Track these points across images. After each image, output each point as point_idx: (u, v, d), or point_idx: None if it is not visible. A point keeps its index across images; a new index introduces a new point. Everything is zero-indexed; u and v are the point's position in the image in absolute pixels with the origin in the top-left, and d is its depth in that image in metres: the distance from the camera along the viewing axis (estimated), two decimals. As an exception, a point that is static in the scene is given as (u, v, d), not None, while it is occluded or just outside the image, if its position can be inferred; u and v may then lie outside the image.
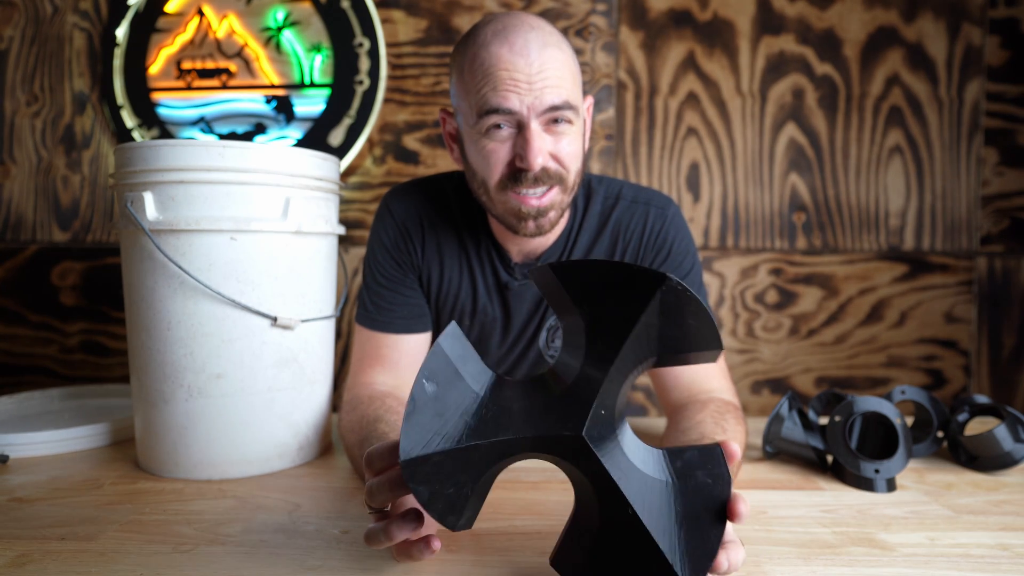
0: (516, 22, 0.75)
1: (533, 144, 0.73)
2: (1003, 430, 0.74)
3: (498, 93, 0.72)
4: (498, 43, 0.73)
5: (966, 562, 0.53)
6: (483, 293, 0.90)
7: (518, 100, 0.72)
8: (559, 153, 0.76)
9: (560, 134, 0.75)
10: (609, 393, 0.45)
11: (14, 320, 1.78)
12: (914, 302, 1.74)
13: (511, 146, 0.75)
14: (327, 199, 0.81)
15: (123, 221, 0.74)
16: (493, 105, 0.73)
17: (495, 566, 0.52)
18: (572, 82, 0.75)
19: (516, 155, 0.75)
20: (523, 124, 0.74)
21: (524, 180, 0.75)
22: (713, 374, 0.84)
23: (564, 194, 0.78)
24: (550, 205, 0.77)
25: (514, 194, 0.76)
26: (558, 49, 0.74)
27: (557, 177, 0.76)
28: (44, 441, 0.82)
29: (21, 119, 1.76)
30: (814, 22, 1.70)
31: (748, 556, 0.54)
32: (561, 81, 0.73)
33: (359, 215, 1.74)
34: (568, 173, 0.77)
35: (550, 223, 0.79)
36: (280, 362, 0.76)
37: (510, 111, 0.73)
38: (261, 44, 1.72)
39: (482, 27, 0.76)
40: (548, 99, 0.72)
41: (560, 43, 0.75)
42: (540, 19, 0.77)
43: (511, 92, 0.72)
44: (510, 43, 0.72)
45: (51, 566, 0.52)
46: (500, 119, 0.74)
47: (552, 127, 0.75)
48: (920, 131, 1.71)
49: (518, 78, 0.72)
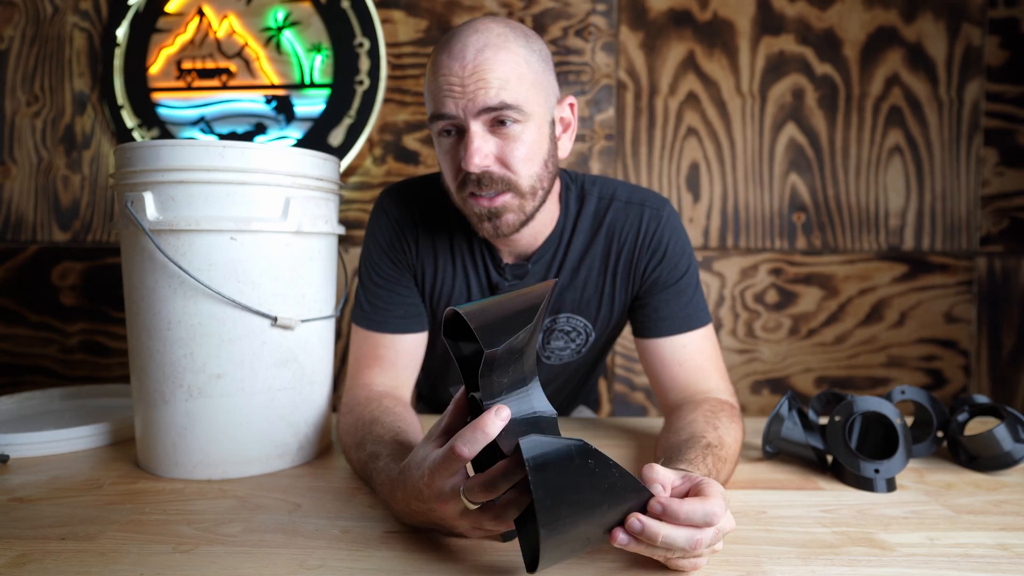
0: (464, 28, 0.75)
1: (469, 146, 0.73)
2: (1003, 430, 0.74)
3: (438, 98, 0.74)
4: (442, 49, 0.74)
5: (966, 562, 0.53)
6: (476, 293, 0.90)
7: (453, 104, 0.73)
8: (506, 157, 0.75)
9: (508, 136, 0.74)
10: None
11: (14, 320, 1.79)
12: (914, 302, 1.74)
13: (457, 150, 0.76)
14: (327, 199, 0.81)
15: (123, 221, 0.74)
16: (435, 111, 0.74)
17: (495, 566, 0.52)
18: (518, 82, 0.73)
19: (460, 158, 0.75)
20: (463, 127, 0.74)
21: (469, 182, 0.75)
22: (711, 374, 0.84)
23: (521, 199, 0.77)
24: (503, 207, 0.76)
25: (469, 196, 0.77)
26: (501, 50, 0.73)
27: (504, 181, 0.75)
28: (44, 441, 0.82)
29: (21, 119, 1.76)
30: (814, 22, 1.70)
31: (748, 556, 0.54)
32: (502, 83, 0.72)
33: (359, 215, 1.74)
34: (518, 177, 0.76)
35: (508, 225, 0.78)
36: (280, 362, 0.76)
37: (449, 115, 0.73)
38: (261, 44, 1.72)
39: (444, 35, 0.78)
40: (481, 100, 0.72)
41: (508, 44, 0.73)
42: (496, 22, 0.75)
43: (447, 97, 0.73)
44: (449, 49, 0.73)
45: (51, 566, 0.52)
46: (443, 124, 0.75)
47: (499, 129, 0.74)
48: (920, 131, 1.72)
49: (453, 82, 0.72)
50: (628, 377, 1.78)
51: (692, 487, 0.51)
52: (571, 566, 0.52)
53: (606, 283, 0.89)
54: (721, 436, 0.68)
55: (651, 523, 0.47)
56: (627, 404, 1.78)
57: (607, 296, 0.89)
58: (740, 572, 0.51)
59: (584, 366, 1.01)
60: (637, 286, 0.88)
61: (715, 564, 0.52)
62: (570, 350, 0.94)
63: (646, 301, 0.88)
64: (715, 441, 0.66)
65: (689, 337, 0.85)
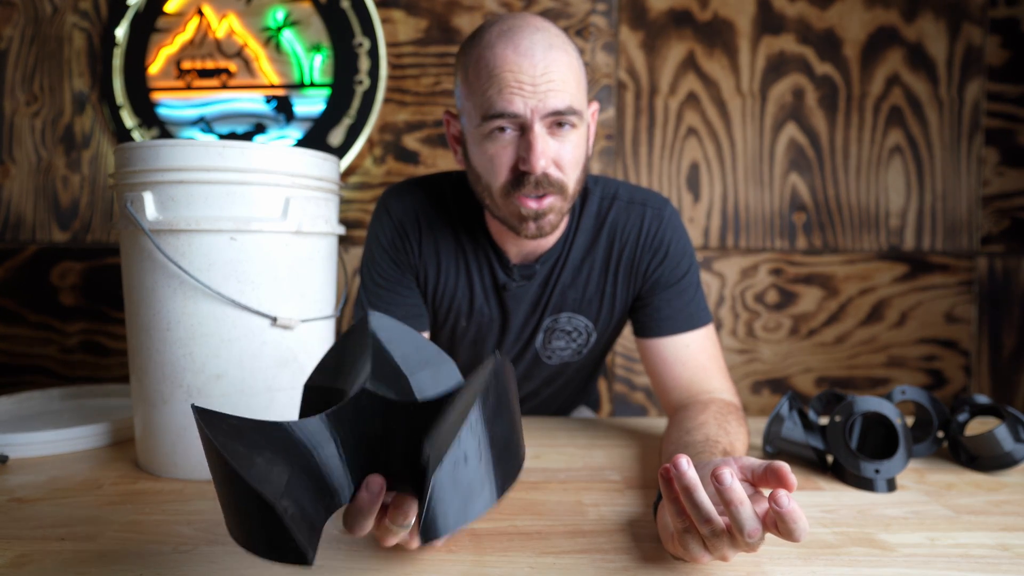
0: (522, 23, 0.74)
1: (536, 147, 0.72)
2: (1003, 430, 0.74)
3: (503, 96, 0.71)
4: (503, 44, 0.72)
5: (966, 562, 0.53)
6: (480, 294, 0.90)
7: (522, 103, 0.71)
8: (561, 159, 0.75)
9: (564, 138, 0.75)
10: None
11: (14, 320, 1.78)
12: (914, 302, 1.74)
13: (514, 149, 0.74)
14: (327, 199, 0.81)
15: (123, 221, 0.74)
16: (498, 108, 0.72)
17: (495, 566, 0.52)
18: (576, 86, 0.75)
19: (519, 158, 0.74)
20: (527, 127, 0.73)
21: (526, 184, 0.74)
22: (713, 373, 0.84)
23: (564, 201, 0.78)
24: (548, 208, 0.77)
25: (517, 198, 0.76)
26: (563, 52, 0.73)
27: (558, 185, 0.76)
28: (44, 441, 0.82)
29: (21, 119, 1.76)
30: (814, 22, 1.70)
31: (748, 556, 0.53)
32: (565, 85, 0.73)
33: (359, 215, 1.74)
34: (568, 181, 0.77)
35: (550, 225, 0.78)
36: (280, 362, 0.76)
37: (514, 114, 0.72)
38: (261, 44, 1.72)
39: (487, 28, 0.75)
40: (552, 103, 0.72)
41: (565, 45, 0.75)
42: (546, 20, 0.76)
43: (515, 95, 0.71)
44: (515, 44, 0.72)
45: (51, 566, 0.52)
46: (504, 122, 0.73)
47: (556, 130, 0.74)
48: (920, 131, 1.71)
49: (523, 80, 0.71)
50: (628, 377, 1.78)
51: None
52: (571, 566, 0.52)
53: (607, 283, 0.89)
54: (732, 441, 0.68)
55: (796, 506, 0.43)
56: (627, 404, 1.78)
57: (608, 296, 0.89)
58: (740, 572, 0.51)
59: (585, 367, 1.01)
60: (639, 286, 0.88)
61: (715, 564, 0.52)
62: (571, 350, 0.94)
63: (648, 301, 0.88)
64: (728, 446, 0.66)
65: (691, 336, 0.85)
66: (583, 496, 0.68)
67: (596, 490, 0.70)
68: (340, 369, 0.51)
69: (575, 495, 0.68)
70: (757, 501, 0.47)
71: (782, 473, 0.45)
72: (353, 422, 0.46)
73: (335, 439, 0.46)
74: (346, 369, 0.50)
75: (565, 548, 0.55)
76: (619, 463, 0.79)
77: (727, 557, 0.47)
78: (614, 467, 0.77)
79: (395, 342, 0.50)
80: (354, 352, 0.51)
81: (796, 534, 0.43)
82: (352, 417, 0.46)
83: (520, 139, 0.74)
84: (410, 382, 0.47)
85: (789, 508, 0.42)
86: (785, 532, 0.43)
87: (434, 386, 0.49)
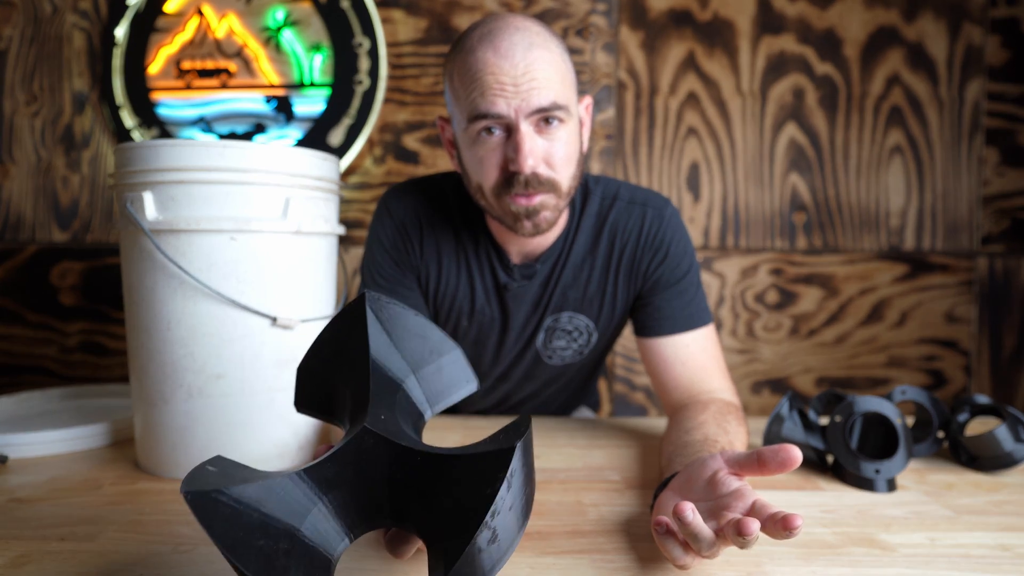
0: (502, 25, 0.74)
1: (523, 147, 0.72)
2: (1004, 430, 0.74)
3: (486, 98, 0.72)
4: (483, 47, 0.73)
5: (966, 562, 0.53)
6: (481, 294, 0.90)
7: (505, 104, 0.72)
8: (551, 157, 0.75)
9: (552, 135, 0.75)
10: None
11: (13, 320, 1.78)
12: (914, 302, 1.74)
13: (503, 150, 0.75)
14: (327, 199, 0.81)
15: (123, 221, 0.74)
16: (481, 110, 0.73)
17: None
18: (561, 82, 0.74)
19: (508, 158, 0.74)
20: (513, 127, 0.73)
21: (516, 184, 0.75)
22: (713, 373, 0.84)
23: (558, 198, 0.78)
24: (541, 205, 0.77)
25: (509, 197, 0.76)
26: (545, 50, 0.73)
27: (549, 183, 0.76)
28: (44, 441, 0.82)
29: (20, 119, 1.76)
30: (814, 22, 1.70)
31: (748, 556, 0.53)
32: (548, 82, 0.73)
33: (359, 215, 1.74)
34: (560, 178, 0.77)
35: (546, 222, 0.78)
36: (280, 362, 0.76)
37: (498, 115, 0.72)
38: (261, 44, 1.72)
39: (469, 33, 0.76)
40: (535, 101, 0.72)
41: (548, 43, 0.74)
42: (529, 20, 0.76)
43: (498, 96, 0.72)
44: (495, 47, 0.72)
45: (51, 566, 0.52)
46: (489, 123, 0.74)
47: (544, 128, 0.74)
48: (920, 131, 1.71)
49: (504, 81, 0.72)
50: (628, 377, 1.78)
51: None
52: (571, 566, 0.52)
53: (608, 282, 0.89)
54: (732, 440, 0.68)
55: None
56: (627, 404, 1.78)
57: (609, 295, 0.89)
58: (740, 572, 0.51)
59: (585, 368, 1.01)
60: (639, 285, 0.89)
61: (715, 565, 0.52)
62: (572, 350, 0.94)
63: (648, 300, 0.88)
64: (727, 446, 0.66)
65: (691, 336, 0.85)
66: (583, 496, 0.68)
67: (596, 490, 0.70)
68: (336, 358, 0.49)
69: (575, 495, 0.68)
70: (740, 497, 0.48)
71: (764, 460, 0.48)
72: (355, 464, 0.42)
73: (320, 499, 0.41)
74: (342, 361, 0.48)
75: (565, 548, 0.55)
76: (619, 463, 0.79)
77: (715, 554, 0.47)
78: (614, 467, 0.77)
79: (396, 332, 0.49)
80: (349, 345, 0.49)
81: (754, 539, 0.43)
82: (353, 459, 0.42)
83: (508, 140, 0.74)
84: (409, 433, 0.44)
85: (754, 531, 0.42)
86: (772, 533, 0.43)
87: (439, 381, 0.48)
